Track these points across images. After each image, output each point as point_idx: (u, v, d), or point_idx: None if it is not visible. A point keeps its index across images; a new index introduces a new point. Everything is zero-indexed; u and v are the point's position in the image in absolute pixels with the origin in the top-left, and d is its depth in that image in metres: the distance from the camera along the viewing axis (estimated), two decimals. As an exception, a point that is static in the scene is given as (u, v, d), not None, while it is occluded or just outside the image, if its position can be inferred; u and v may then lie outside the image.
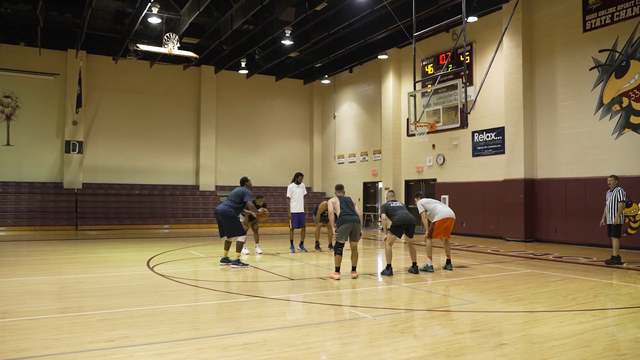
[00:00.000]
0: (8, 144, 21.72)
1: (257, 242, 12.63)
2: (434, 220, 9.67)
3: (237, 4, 16.59)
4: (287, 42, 19.56)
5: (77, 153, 22.58)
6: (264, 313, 6.11)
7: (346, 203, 8.84)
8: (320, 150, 28.17)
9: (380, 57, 21.91)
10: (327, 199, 14.21)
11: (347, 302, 7.10)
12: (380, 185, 23.15)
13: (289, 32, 18.62)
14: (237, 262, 9.99)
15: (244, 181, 10.63)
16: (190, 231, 21.36)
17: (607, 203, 10.67)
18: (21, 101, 21.97)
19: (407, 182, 21.78)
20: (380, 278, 8.89)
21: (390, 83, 22.08)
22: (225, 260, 10.26)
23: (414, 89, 15.03)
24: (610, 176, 10.90)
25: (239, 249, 10.05)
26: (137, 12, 17.34)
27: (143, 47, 18.56)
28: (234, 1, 16.59)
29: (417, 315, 6.10)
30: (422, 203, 9.93)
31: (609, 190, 10.76)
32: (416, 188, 21.34)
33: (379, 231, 12.27)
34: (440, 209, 9.73)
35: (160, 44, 17.73)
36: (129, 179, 23.91)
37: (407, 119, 16.42)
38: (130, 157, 23.94)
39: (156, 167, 24.46)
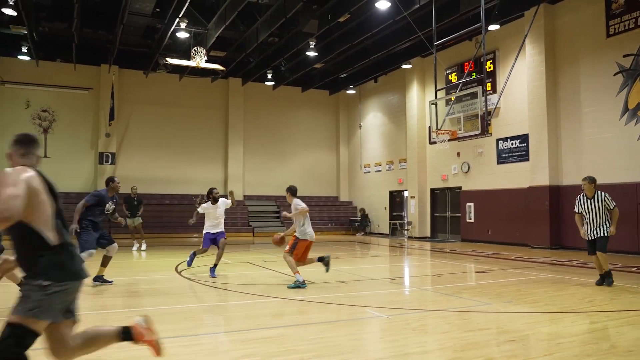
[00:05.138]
0: (45, 156, 22.63)
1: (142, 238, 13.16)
2: (303, 238, 8.52)
3: (262, 18, 17.05)
4: (312, 54, 19.95)
5: (110, 164, 23.38)
6: (282, 312, 6.38)
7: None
8: (346, 159, 28.37)
9: (404, 66, 22.11)
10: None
11: (364, 303, 7.30)
12: (406, 194, 23.22)
13: (313, 43, 19.00)
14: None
15: (108, 182, 8.61)
16: (218, 239, 21.78)
17: (588, 213, 8.35)
18: (57, 115, 22.94)
19: (432, 191, 21.82)
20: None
21: (414, 92, 22.23)
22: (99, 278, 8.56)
23: (435, 97, 15.17)
24: (585, 179, 8.41)
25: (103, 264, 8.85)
26: (166, 28, 17.97)
27: (172, 61, 19.20)
28: (259, 15, 17.06)
29: (431, 315, 6.26)
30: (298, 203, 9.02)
31: (583, 196, 8.41)
32: (442, 196, 21.37)
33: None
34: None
35: (188, 57, 18.32)
36: (160, 189, 24.54)
37: (429, 127, 16.53)
38: (161, 167, 24.60)
39: (185, 177, 25.04)
